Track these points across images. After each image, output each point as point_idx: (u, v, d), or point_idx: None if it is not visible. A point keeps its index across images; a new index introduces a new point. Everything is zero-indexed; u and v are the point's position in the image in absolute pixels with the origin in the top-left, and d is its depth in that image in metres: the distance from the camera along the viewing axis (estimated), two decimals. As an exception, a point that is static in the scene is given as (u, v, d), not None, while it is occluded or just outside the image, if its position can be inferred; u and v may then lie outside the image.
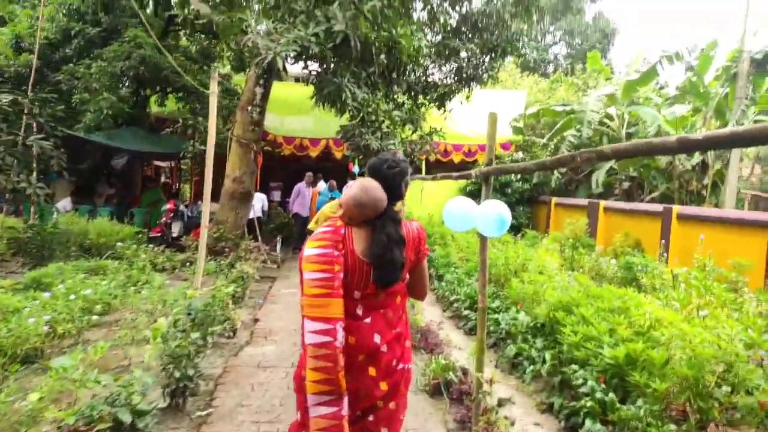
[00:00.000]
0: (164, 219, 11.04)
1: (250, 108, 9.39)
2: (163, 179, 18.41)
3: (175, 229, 11.05)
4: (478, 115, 16.31)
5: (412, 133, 10.07)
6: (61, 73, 10.97)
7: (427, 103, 11.07)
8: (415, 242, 2.06)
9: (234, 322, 5.29)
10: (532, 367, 4.40)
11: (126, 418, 2.72)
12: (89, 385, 2.86)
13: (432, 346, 5.03)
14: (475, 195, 15.65)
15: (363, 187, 1.96)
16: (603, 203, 11.48)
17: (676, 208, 9.12)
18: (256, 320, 6.02)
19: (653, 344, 3.69)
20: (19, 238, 8.01)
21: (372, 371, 1.95)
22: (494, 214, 2.84)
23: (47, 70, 11.81)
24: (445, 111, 11.16)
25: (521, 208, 14.86)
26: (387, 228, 1.93)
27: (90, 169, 14.10)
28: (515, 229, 14.89)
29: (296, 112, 16.10)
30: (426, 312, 6.94)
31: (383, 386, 1.97)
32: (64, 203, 11.65)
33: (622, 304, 4.45)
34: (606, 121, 14.72)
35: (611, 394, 3.49)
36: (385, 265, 1.90)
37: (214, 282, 6.64)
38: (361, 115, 8.47)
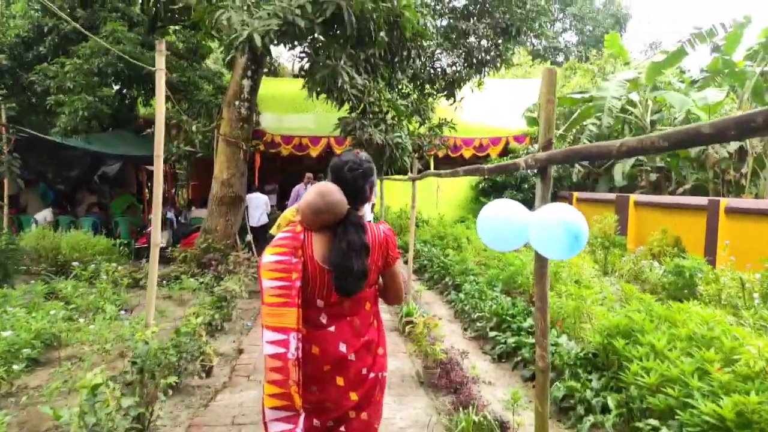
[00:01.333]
0: (149, 229, 10.06)
1: (237, 102, 8.39)
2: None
3: (162, 239, 10.07)
4: (490, 107, 15.25)
5: (420, 125, 9.02)
6: (33, 73, 10.02)
7: (435, 93, 10.01)
8: (382, 247, 1.97)
9: (209, 357, 4.27)
10: (591, 418, 3.33)
11: None
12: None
13: (456, 385, 3.98)
14: (488, 193, 14.61)
15: (319, 191, 1.86)
16: (634, 197, 10.38)
17: (724, 201, 8.01)
18: (240, 351, 5.00)
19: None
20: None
21: (340, 381, 1.88)
22: (559, 224, 1.78)
23: (21, 70, 10.89)
24: (454, 101, 10.09)
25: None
26: (348, 234, 1.84)
27: (79, 176, 13.21)
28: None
29: (295, 110, 15.13)
30: (443, 329, 5.90)
31: (353, 396, 1.90)
32: (44, 214, 10.72)
33: (708, 331, 3.38)
34: (628, 108, 13.58)
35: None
36: (345, 274, 1.81)
37: (196, 301, 5.66)
38: (362, 105, 7.45)
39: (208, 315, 4.44)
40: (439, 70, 9.85)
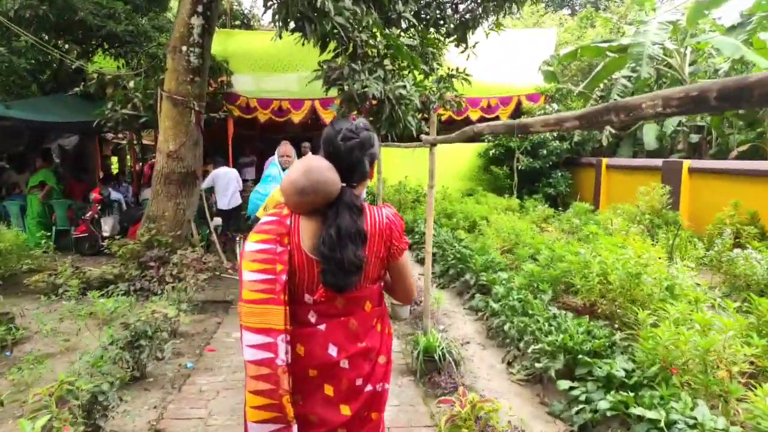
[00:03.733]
0: (89, 213, 8.06)
1: (185, 48, 6.30)
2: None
3: (107, 226, 8.09)
4: (498, 62, 13.10)
5: (426, 77, 6.97)
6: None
7: (443, 39, 7.92)
8: (384, 235, 1.62)
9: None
10: None
11: None
12: None
13: None
14: (500, 161, 12.64)
15: (305, 167, 1.55)
16: (688, 163, 8.45)
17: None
18: (156, 429, 3.08)
19: None
20: None
21: (328, 391, 1.58)
22: None
23: None
24: (466, 47, 8.02)
25: (559, 174, 11.85)
26: (340, 219, 1.53)
27: (25, 152, 11.05)
28: (552, 199, 11.93)
29: (274, 69, 12.99)
30: (474, 361, 4.05)
31: (345, 410, 1.59)
32: (-40, 199, 8.68)
33: None
34: (665, 58, 11.56)
35: None
36: (333, 267, 1.50)
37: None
38: (352, 44, 5.41)
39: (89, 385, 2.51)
40: (448, 5, 7.73)
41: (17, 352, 4.14)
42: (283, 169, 4.38)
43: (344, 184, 1.60)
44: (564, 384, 3.31)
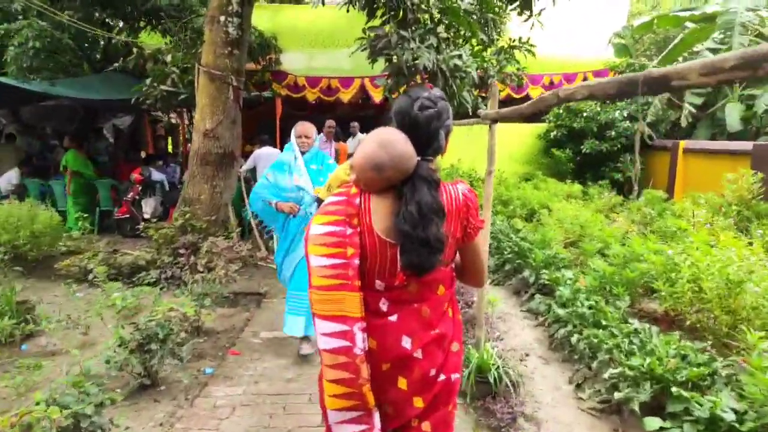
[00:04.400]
0: (131, 195, 7.86)
1: (223, 18, 5.85)
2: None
3: (148, 208, 7.87)
4: (562, 34, 12.08)
5: (484, 48, 6.23)
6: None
7: (504, 4, 7.11)
8: (460, 212, 1.51)
9: None
10: None
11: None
12: None
13: None
14: (561, 142, 11.68)
15: (381, 140, 1.43)
16: (788, 147, 7.36)
17: None
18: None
19: None
20: None
21: (402, 383, 1.49)
22: None
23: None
24: (531, 15, 7.19)
25: (628, 158, 10.81)
26: (419, 195, 1.40)
27: (77, 131, 11.07)
28: (619, 186, 10.93)
29: (324, 46, 12.46)
30: (535, 380, 3.44)
31: (418, 402, 1.51)
32: (9, 176, 8.69)
33: None
34: (757, 27, 10.23)
35: None
36: (416, 247, 1.38)
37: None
38: (401, 8, 4.78)
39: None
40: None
41: (32, 346, 3.85)
42: (302, 153, 3.69)
43: (419, 158, 1.47)
44: (653, 423, 2.64)
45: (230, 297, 4.90)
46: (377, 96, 11.97)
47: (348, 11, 4.96)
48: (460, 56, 4.85)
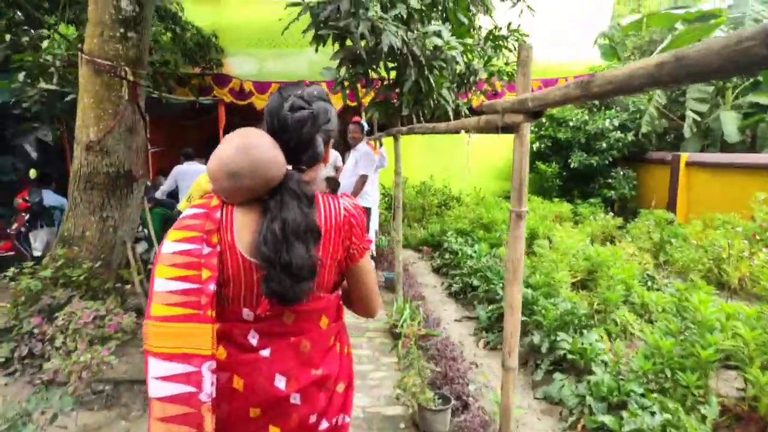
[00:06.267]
0: (15, 226, 6.09)
1: (113, -11, 4.24)
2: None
3: (38, 243, 6.10)
4: (540, 36, 10.89)
5: (468, 31, 4.76)
6: None
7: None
8: (341, 231, 1.31)
9: None
10: None
11: None
12: None
13: None
14: (546, 155, 10.40)
15: (238, 143, 1.21)
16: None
17: None
18: None
19: None
20: None
21: None
22: None
23: None
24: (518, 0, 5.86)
25: (621, 172, 9.58)
26: (286, 211, 1.20)
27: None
28: (610, 203, 9.69)
29: (275, 47, 10.94)
30: None
31: None
32: None
33: None
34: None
35: None
36: (278, 273, 1.17)
37: None
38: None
39: None
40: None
41: None
42: None
43: (290, 167, 1.26)
44: None
45: (104, 391, 3.26)
46: (337, 104, 10.49)
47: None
48: (439, 33, 3.36)
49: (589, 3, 11.25)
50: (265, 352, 1.25)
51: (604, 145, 9.37)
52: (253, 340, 1.26)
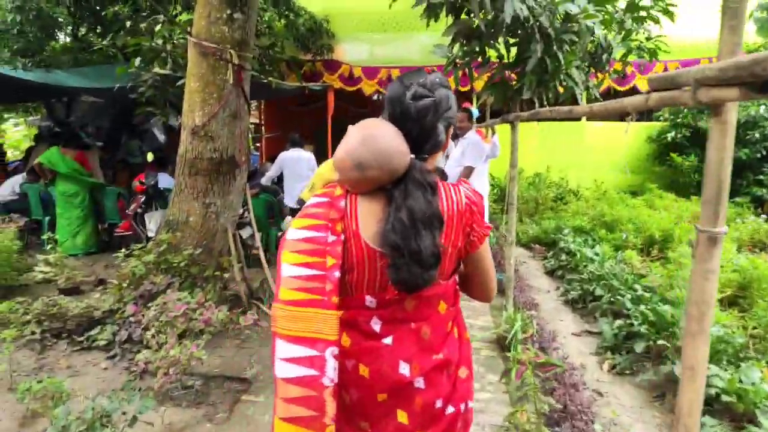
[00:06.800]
0: (133, 207, 6.36)
1: (221, -30, 4.12)
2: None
3: (152, 224, 6.34)
4: (678, 8, 9.58)
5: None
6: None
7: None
8: (463, 218, 1.28)
9: None
10: None
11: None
12: None
13: None
14: (682, 147, 9.18)
15: (364, 134, 1.22)
16: None
17: None
18: None
19: None
20: None
21: (402, 417, 1.26)
22: None
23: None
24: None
25: (775, 168, 8.19)
26: (410, 199, 1.19)
27: (110, 131, 9.83)
28: (760, 204, 8.33)
29: (388, 31, 10.67)
30: None
31: None
32: (13, 181, 7.50)
33: None
34: None
35: None
36: (407, 261, 1.17)
37: None
38: None
39: None
40: None
41: None
42: None
43: (413, 156, 1.25)
44: None
45: (194, 386, 3.14)
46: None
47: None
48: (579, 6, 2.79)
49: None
50: (388, 340, 1.26)
51: (757, 135, 8.05)
52: (376, 326, 1.27)
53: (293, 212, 6.25)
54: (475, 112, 5.88)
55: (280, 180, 6.53)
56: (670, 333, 3.49)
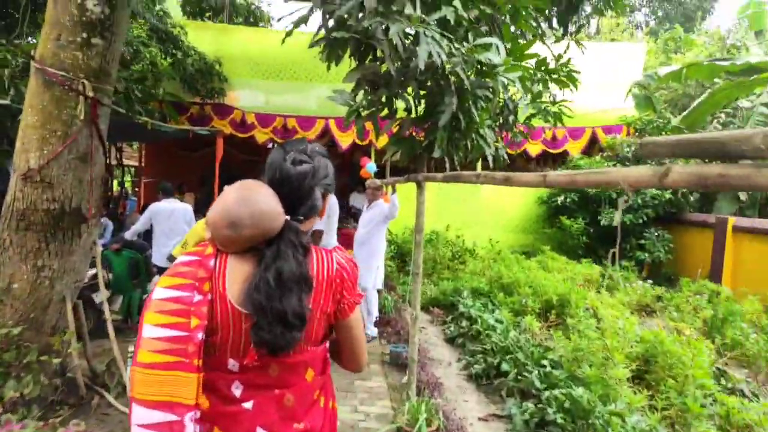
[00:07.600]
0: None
1: (77, -16, 3.40)
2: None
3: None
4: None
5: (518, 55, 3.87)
6: None
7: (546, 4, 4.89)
8: (332, 283, 1.29)
9: None
10: None
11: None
12: None
13: None
14: (562, 210, 9.48)
15: (241, 194, 1.21)
16: None
17: None
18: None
19: None
20: None
21: None
22: None
23: None
24: (566, 34, 5.07)
25: (655, 234, 8.63)
26: (280, 260, 1.18)
27: None
28: (641, 264, 8.71)
29: (283, 78, 10.20)
30: None
31: None
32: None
33: None
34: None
35: None
36: (270, 321, 1.15)
37: None
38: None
39: None
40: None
41: None
42: None
43: (288, 218, 1.25)
44: None
45: None
46: (344, 141, 9.67)
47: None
48: (494, 46, 2.45)
49: (622, 52, 10.57)
50: (248, 405, 1.22)
51: (639, 201, 8.46)
52: (237, 391, 1.22)
53: (161, 271, 5.34)
54: (372, 166, 5.52)
55: (150, 234, 5.62)
56: (588, 424, 3.12)
